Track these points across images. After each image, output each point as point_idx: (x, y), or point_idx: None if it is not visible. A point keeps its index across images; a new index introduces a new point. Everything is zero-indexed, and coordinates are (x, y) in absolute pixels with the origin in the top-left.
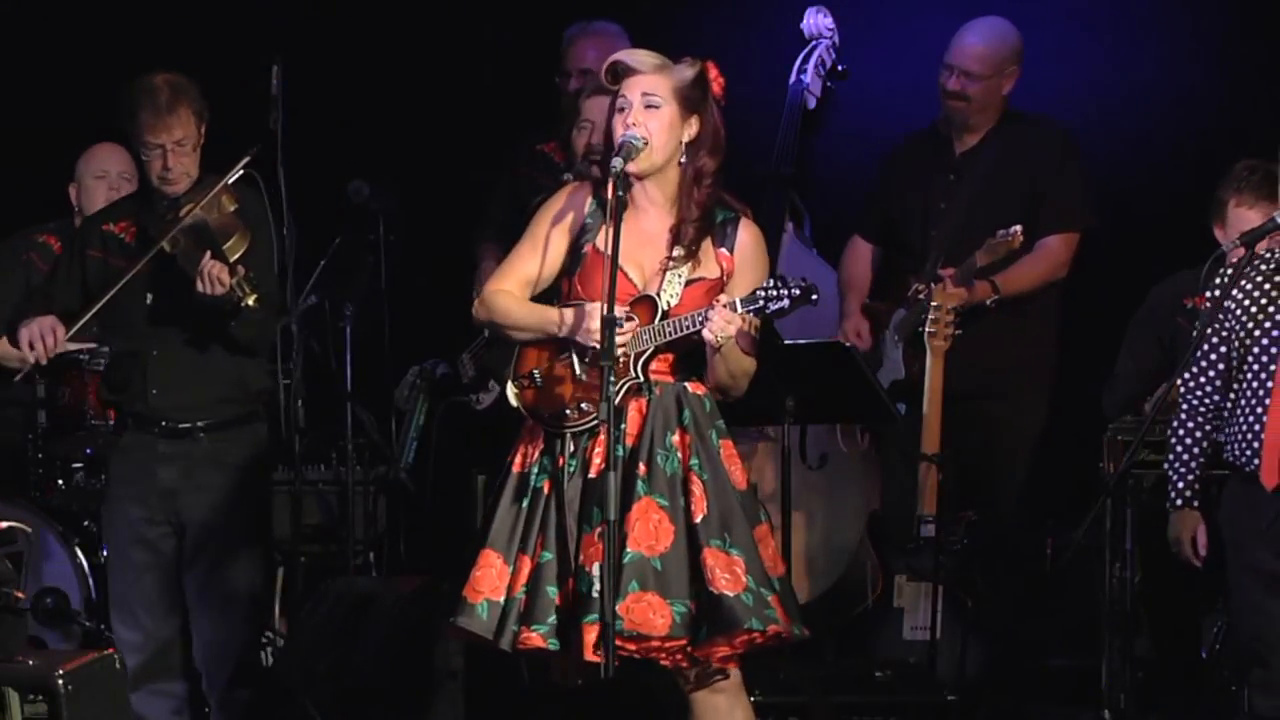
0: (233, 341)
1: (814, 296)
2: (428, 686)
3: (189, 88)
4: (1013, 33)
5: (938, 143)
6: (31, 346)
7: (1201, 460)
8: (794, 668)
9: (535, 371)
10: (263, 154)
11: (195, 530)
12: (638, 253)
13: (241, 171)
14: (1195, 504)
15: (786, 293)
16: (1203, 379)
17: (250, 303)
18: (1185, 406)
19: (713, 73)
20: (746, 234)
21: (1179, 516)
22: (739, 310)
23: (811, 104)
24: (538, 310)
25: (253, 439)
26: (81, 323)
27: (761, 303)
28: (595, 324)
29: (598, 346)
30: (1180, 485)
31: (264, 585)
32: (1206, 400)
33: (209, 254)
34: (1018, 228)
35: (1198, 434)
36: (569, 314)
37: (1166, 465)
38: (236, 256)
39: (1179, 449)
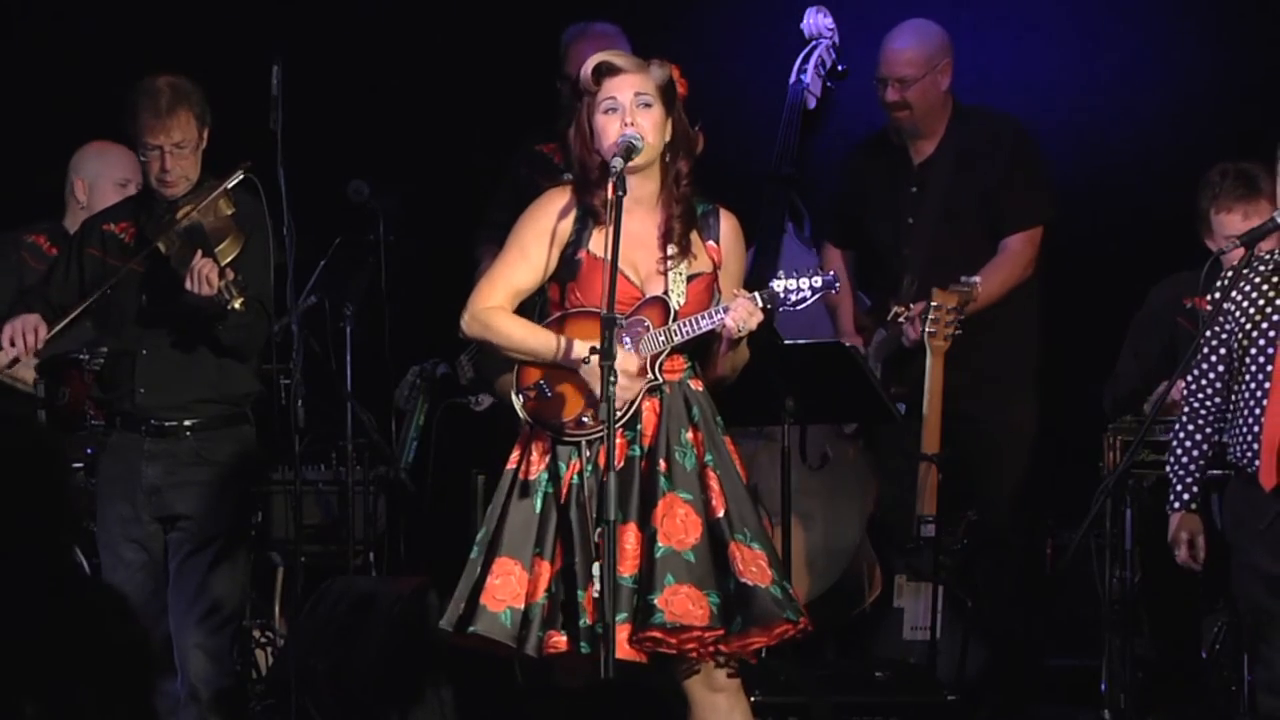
0: (219, 345)
1: (836, 286)
2: (427, 686)
3: (191, 91)
4: (934, 28)
5: (895, 153)
6: (13, 344)
7: (1202, 463)
8: (794, 668)
9: (542, 382)
10: (262, 156)
11: (177, 528)
12: (631, 254)
13: (241, 176)
14: (1194, 507)
15: (809, 285)
16: (1204, 381)
17: (236, 305)
18: (1187, 410)
19: (676, 73)
20: (727, 223)
21: (1178, 519)
22: (760, 304)
23: (811, 104)
24: (538, 337)
25: (238, 440)
26: (65, 322)
27: (783, 294)
28: (596, 387)
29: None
30: (1179, 488)
31: (246, 586)
32: (1208, 403)
33: (200, 253)
34: (976, 279)
35: (1198, 437)
36: (566, 345)
37: (1167, 468)
38: (228, 260)
39: (1179, 452)
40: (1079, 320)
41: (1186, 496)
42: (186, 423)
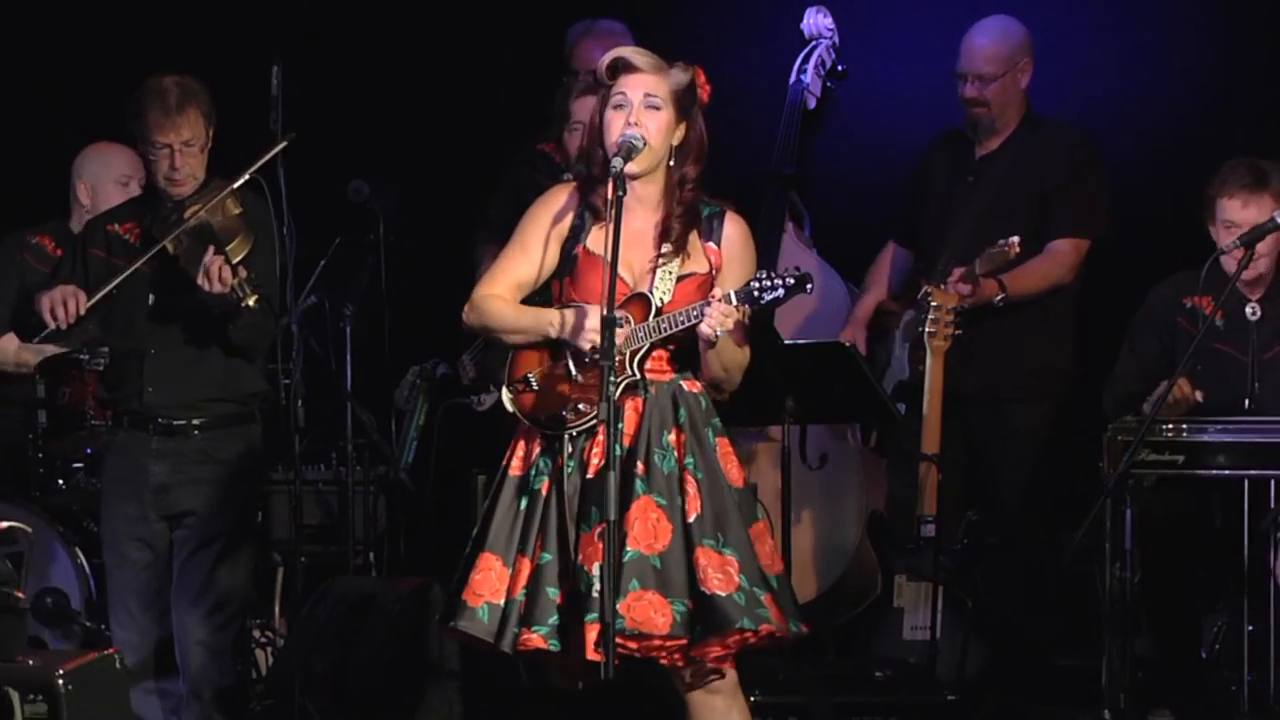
0: (229, 343)
1: (808, 286)
2: (427, 686)
3: (199, 90)
4: (1018, 27)
5: (962, 144)
6: (54, 316)
7: None
8: (794, 668)
9: (530, 375)
10: (271, 160)
11: (183, 525)
12: (627, 252)
13: (247, 176)
14: None
15: (780, 283)
16: None
17: (250, 303)
18: None
19: (701, 78)
20: (733, 227)
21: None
22: (733, 302)
23: (811, 104)
24: (531, 313)
25: (245, 439)
26: (97, 299)
27: (756, 293)
28: (593, 323)
29: (595, 346)
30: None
31: (249, 584)
32: None
33: (211, 251)
34: (1015, 238)
35: None
36: (566, 315)
37: None
38: (238, 259)
39: None
40: (1079, 320)
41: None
42: (195, 422)
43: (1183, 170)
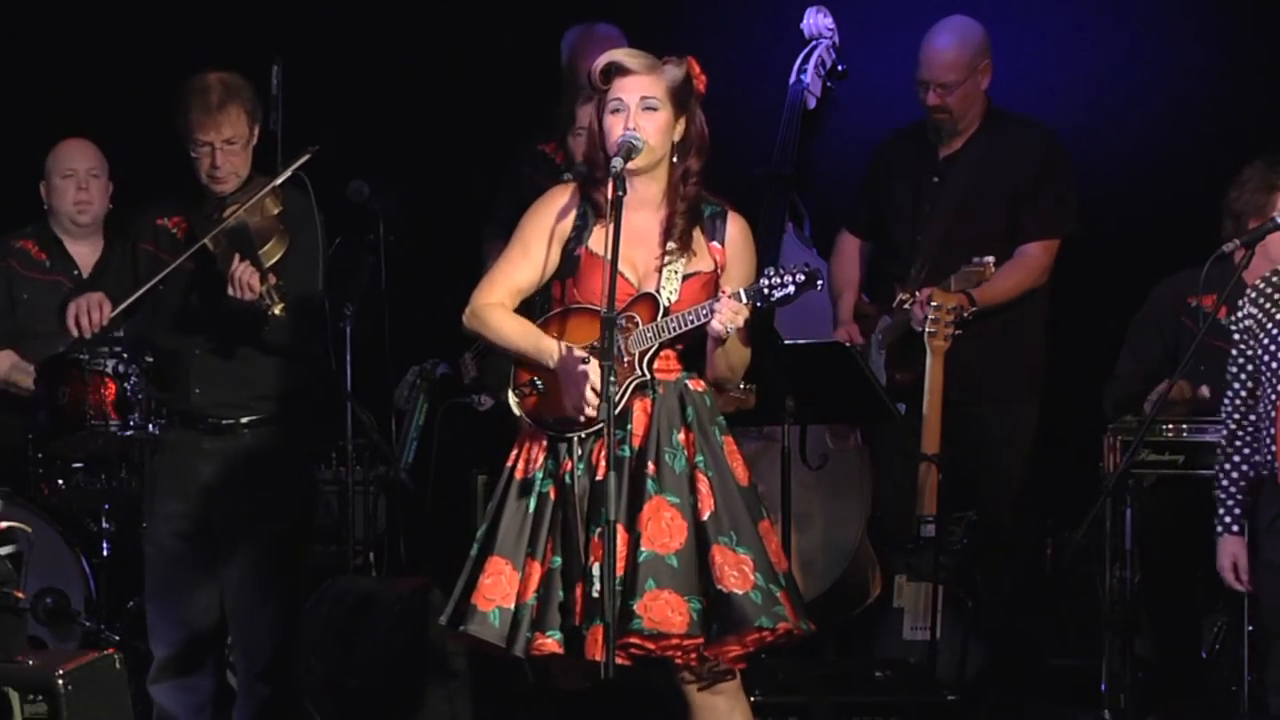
0: (265, 344)
1: (819, 282)
2: (428, 686)
3: (243, 88)
4: (974, 28)
5: (924, 143)
6: (78, 323)
7: (1243, 484)
8: (794, 668)
9: (536, 379)
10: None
11: (233, 525)
12: (630, 251)
13: (289, 173)
14: (1236, 529)
15: (790, 280)
16: (1236, 401)
17: (276, 311)
18: (1225, 432)
19: (696, 69)
20: (735, 226)
21: (1220, 543)
22: (744, 300)
23: (811, 104)
24: (533, 337)
25: (293, 436)
26: (129, 302)
27: (766, 291)
28: (590, 392)
29: (587, 416)
30: (1220, 511)
31: (300, 582)
32: (1243, 422)
33: (240, 258)
34: (990, 259)
35: (1236, 459)
36: (565, 354)
37: (1215, 491)
38: (272, 262)
39: (1219, 475)
40: (1079, 320)
41: (1228, 519)
42: (243, 420)
43: (1180, 169)
